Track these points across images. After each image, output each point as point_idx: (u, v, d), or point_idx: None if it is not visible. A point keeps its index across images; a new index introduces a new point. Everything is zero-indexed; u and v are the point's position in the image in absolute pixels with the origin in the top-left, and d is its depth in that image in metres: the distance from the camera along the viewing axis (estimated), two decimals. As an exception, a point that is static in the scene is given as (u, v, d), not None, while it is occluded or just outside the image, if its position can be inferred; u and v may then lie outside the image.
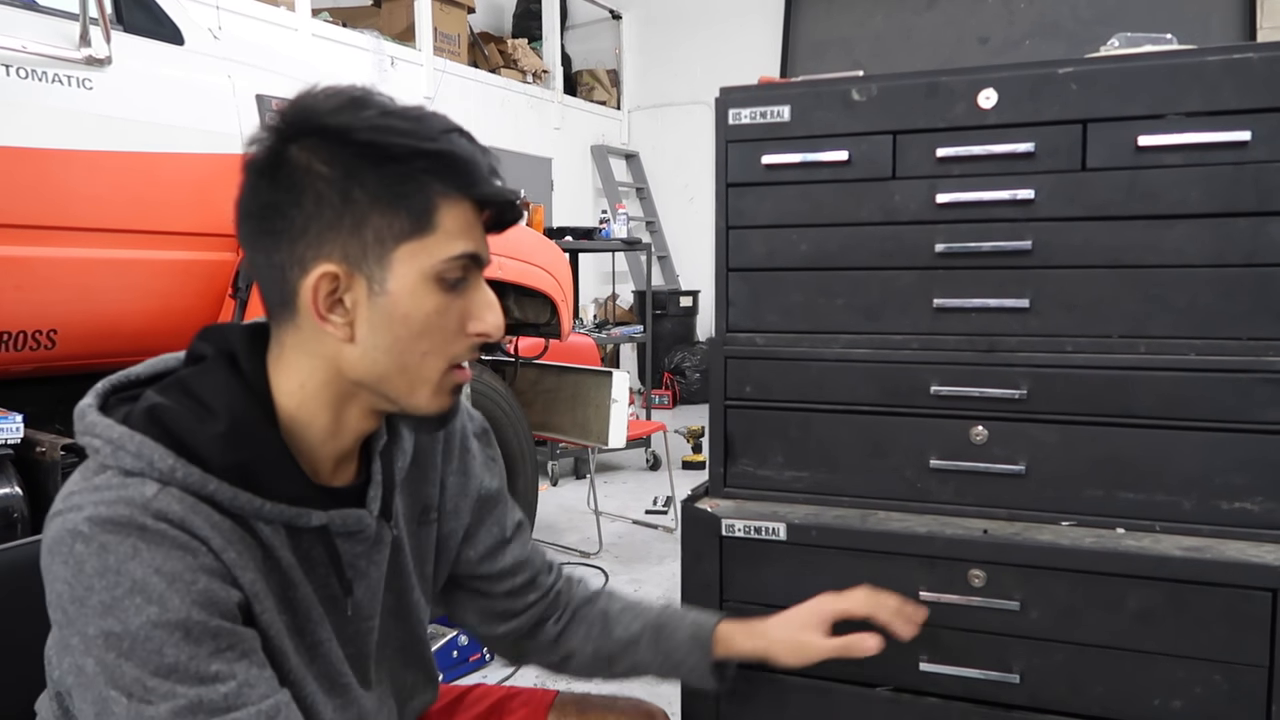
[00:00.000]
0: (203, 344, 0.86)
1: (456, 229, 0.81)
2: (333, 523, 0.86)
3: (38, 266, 2.09)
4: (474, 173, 0.82)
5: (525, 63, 8.15)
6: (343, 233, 0.79)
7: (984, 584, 1.17)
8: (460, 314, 0.84)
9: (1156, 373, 1.17)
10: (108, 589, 0.72)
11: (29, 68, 2.04)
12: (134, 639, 0.71)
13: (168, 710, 0.71)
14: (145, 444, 0.77)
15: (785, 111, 1.30)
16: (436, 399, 0.85)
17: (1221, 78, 1.12)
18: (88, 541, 0.72)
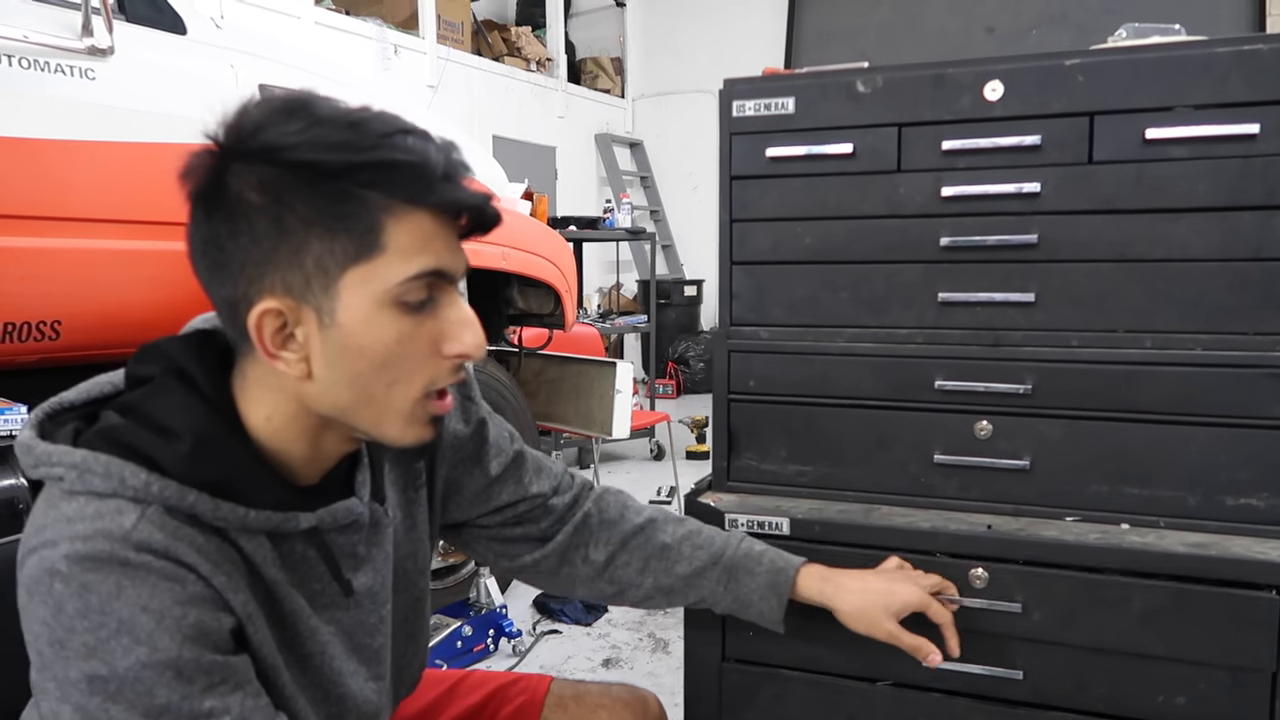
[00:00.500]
0: (143, 365, 0.80)
1: (410, 245, 0.73)
2: (322, 522, 0.82)
3: (41, 257, 2.09)
4: (422, 179, 0.73)
5: (529, 50, 8.12)
6: (281, 264, 0.73)
7: (986, 585, 1.15)
8: (431, 336, 0.76)
9: (1162, 367, 1.16)
10: (91, 630, 0.67)
11: (31, 58, 2.03)
12: (122, 681, 0.68)
13: None
14: (113, 463, 0.72)
15: (790, 103, 1.29)
16: (410, 430, 0.78)
17: (1230, 69, 1.11)
18: (67, 581, 0.68)
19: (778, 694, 1.26)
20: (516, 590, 3.24)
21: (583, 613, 3.07)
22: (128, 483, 0.71)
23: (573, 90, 8.68)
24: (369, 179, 0.71)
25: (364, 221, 0.72)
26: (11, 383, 2.24)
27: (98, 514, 0.70)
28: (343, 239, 0.72)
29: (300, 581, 0.83)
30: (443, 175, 0.74)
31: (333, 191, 0.72)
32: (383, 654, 0.94)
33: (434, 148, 0.74)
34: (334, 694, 0.88)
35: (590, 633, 2.98)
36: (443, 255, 0.75)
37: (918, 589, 1.10)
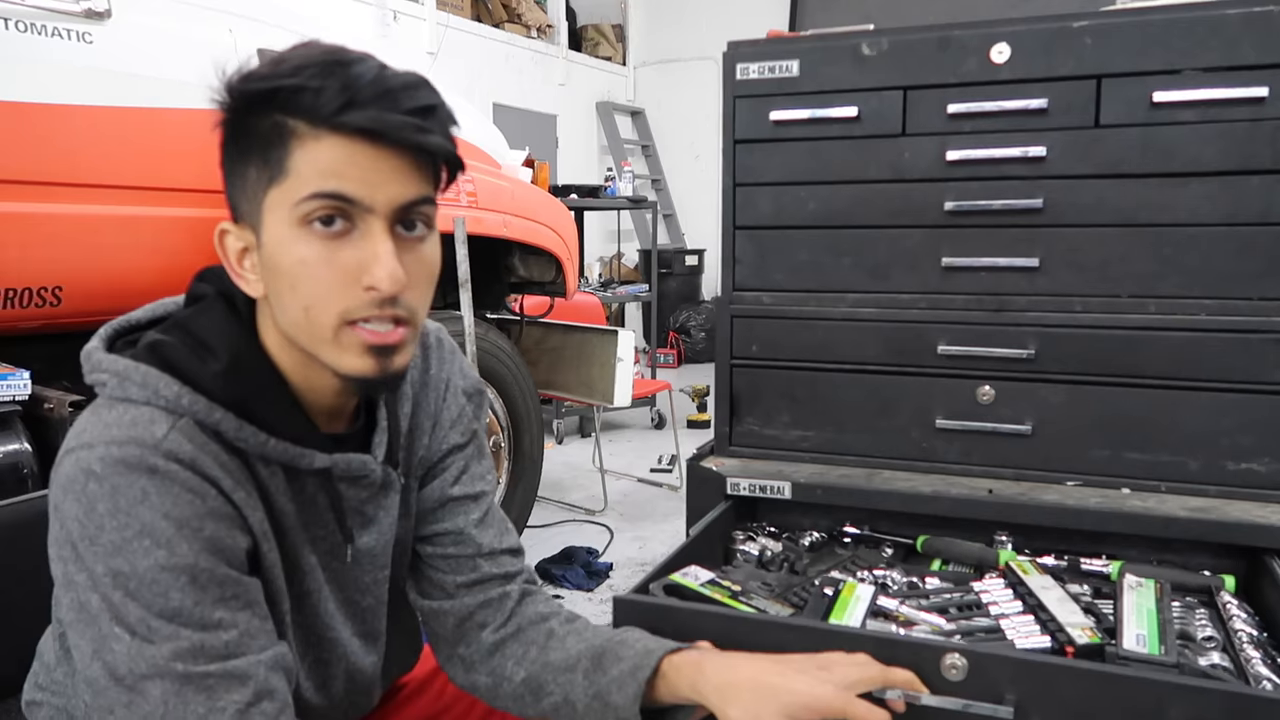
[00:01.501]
0: (201, 284, 0.85)
1: (312, 169, 0.74)
2: (336, 466, 0.84)
3: (41, 223, 2.08)
4: (329, 101, 0.72)
5: (529, 17, 8.04)
6: (234, 190, 0.79)
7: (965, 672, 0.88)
8: (347, 265, 0.75)
9: (1166, 333, 1.16)
10: (118, 529, 0.72)
11: (27, 21, 2.01)
12: (141, 580, 0.72)
13: (170, 650, 0.72)
14: (150, 374, 0.76)
15: (794, 66, 1.28)
16: (345, 358, 0.78)
17: (1240, 32, 1.10)
18: (100, 481, 0.72)
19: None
20: (518, 557, 3.27)
21: (584, 578, 3.09)
22: (161, 393, 0.76)
23: (574, 58, 8.59)
24: (280, 104, 0.74)
25: (279, 146, 0.75)
26: (13, 349, 2.25)
27: (133, 421, 0.75)
28: (264, 163, 0.76)
29: (305, 522, 0.86)
30: (356, 101, 0.73)
31: (258, 121, 0.75)
32: (374, 616, 0.95)
33: (352, 75, 0.73)
34: (324, 639, 0.89)
35: (592, 598, 3.00)
36: (352, 182, 0.74)
37: (831, 688, 0.82)
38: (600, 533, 3.61)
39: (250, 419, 0.79)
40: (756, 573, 1.16)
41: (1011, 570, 1.08)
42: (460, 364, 1.05)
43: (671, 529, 3.63)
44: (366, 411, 0.91)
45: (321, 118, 0.73)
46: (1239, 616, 0.98)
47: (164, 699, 0.72)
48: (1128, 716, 0.80)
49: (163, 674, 0.72)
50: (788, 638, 0.89)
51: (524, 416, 3.24)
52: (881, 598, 1.03)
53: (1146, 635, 0.91)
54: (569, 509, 3.92)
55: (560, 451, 4.94)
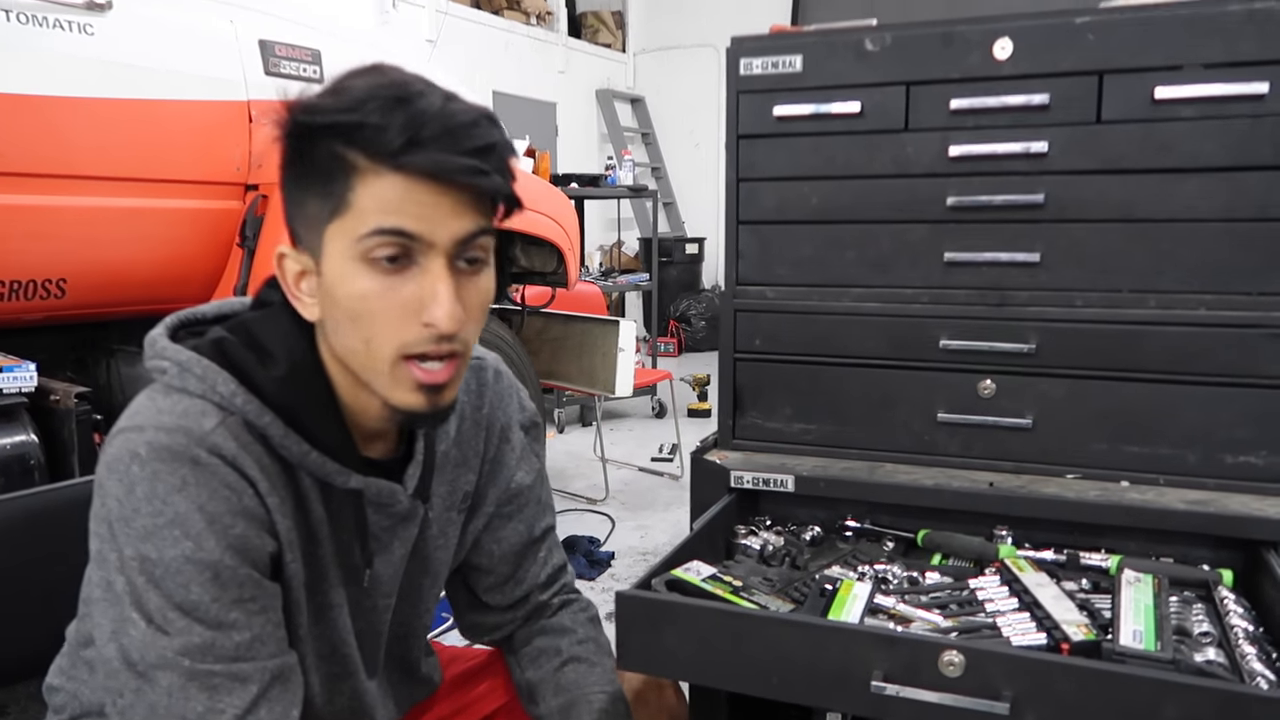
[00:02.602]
0: (270, 290, 0.87)
1: (375, 205, 0.74)
2: (367, 489, 0.85)
3: (46, 215, 2.09)
4: (394, 138, 0.72)
5: (529, 4, 8.01)
6: (294, 217, 0.80)
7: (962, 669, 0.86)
8: (406, 300, 0.76)
9: (1165, 327, 1.17)
10: (151, 515, 0.74)
11: (30, 13, 2.01)
12: (166, 568, 0.74)
13: (180, 644, 0.74)
14: (210, 369, 0.79)
15: (797, 61, 1.28)
16: (396, 392, 0.79)
17: (1242, 28, 1.10)
18: (143, 465, 0.74)
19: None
20: (520, 546, 3.29)
21: (586, 567, 3.11)
22: (217, 389, 0.78)
23: (573, 45, 8.57)
24: (344, 140, 0.74)
25: (340, 181, 0.75)
26: (18, 340, 2.26)
27: (185, 411, 0.77)
28: (324, 195, 0.76)
29: (335, 536, 0.87)
30: (420, 140, 0.73)
31: (319, 152, 0.75)
32: (374, 644, 0.96)
33: (413, 113, 0.73)
34: (340, 653, 0.91)
35: (594, 587, 3.02)
36: (412, 219, 0.74)
37: None
38: (602, 522, 3.63)
39: (297, 428, 0.80)
40: (758, 568, 1.17)
41: (1007, 567, 1.09)
42: (519, 398, 1.06)
43: (673, 518, 3.65)
44: (407, 440, 0.92)
45: (384, 156, 0.73)
46: (1235, 611, 1.00)
47: (169, 691, 0.74)
48: (1123, 713, 0.80)
49: (171, 666, 0.74)
50: (788, 634, 0.90)
51: (526, 406, 3.25)
52: (879, 595, 1.04)
53: (1143, 631, 0.93)
54: (571, 498, 3.94)
55: (562, 440, 4.96)
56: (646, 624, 0.94)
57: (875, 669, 0.85)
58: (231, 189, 2.41)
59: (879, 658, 0.85)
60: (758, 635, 0.90)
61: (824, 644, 0.88)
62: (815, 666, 0.88)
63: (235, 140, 2.39)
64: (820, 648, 0.88)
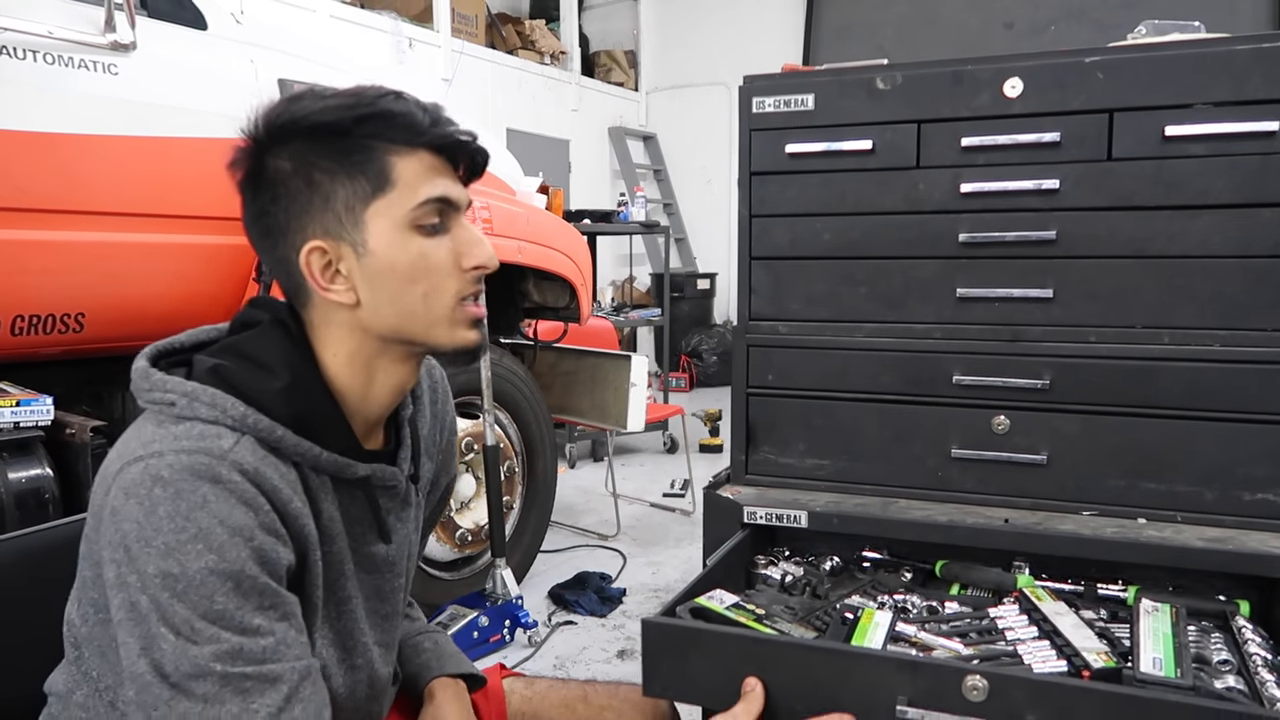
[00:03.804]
0: (256, 311, 0.93)
1: (416, 178, 0.87)
2: (374, 475, 0.93)
3: (66, 250, 2.11)
4: (415, 124, 0.87)
5: (543, 44, 8.13)
6: (316, 212, 0.87)
7: (985, 693, 0.86)
8: (450, 253, 0.89)
9: (1180, 363, 1.17)
10: (174, 532, 0.76)
11: (55, 53, 2.05)
12: (189, 582, 0.76)
13: (210, 652, 0.76)
14: (218, 395, 0.83)
15: (809, 100, 1.30)
16: (454, 333, 0.91)
17: (1251, 67, 1.11)
18: (166, 486, 0.77)
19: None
20: (532, 582, 3.27)
21: (597, 604, 3.09)
22: (229, 413, 0.82)
23: (586, 83, 8.68)
24: (373, 129, 0.86)
25: (376, 163, 0.86)
26: (36, 374, 2.28)
27: (201, 435, 0.81)
28: (361, 180, 0.86)
29: (348, 529, 0.93)
30: (431, 122, 0.88)
31: (346, 145, 0.86)
32: (392, 625, 1.01)
33: (419, 103, 0.88)
34: (358, 644, 0.95)
35: (605, 624, 3.00)
36: (446, 186, 0.89)
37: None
38: (613, 558, 3.61)
39: (305, 433, 0.86)
40: (779, 596, 1.17)
41: (1025, 597, 1.09)
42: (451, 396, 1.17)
43: (684, 554, 3.63)
44: (395, 432, 1.00)
45: (416, 135, 0.87)
46: (1254, 640, 0.99)
47: (204, 697, 0.76)
48: None
49: (204, 674, 0.76)
50: (813, 659, 0.91)
51: (538, 441, 3.26)
52: (900, 624, 1.03)
53: (1163, 659, 0.92)
54: (582, 534, 3.92)
55: (573, 475, 4.94)
56: (672, 651, 0.96)
57: (900, 693, 0.86)
58: (249, 225, 2.43)
59: (903, 682, 0.87)
60: (783, 661, 0.91)
61: (849, 669, 0.89)
62: (840, 691, 0.89)
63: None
64: (845, 673, 0.89)
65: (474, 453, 2.93)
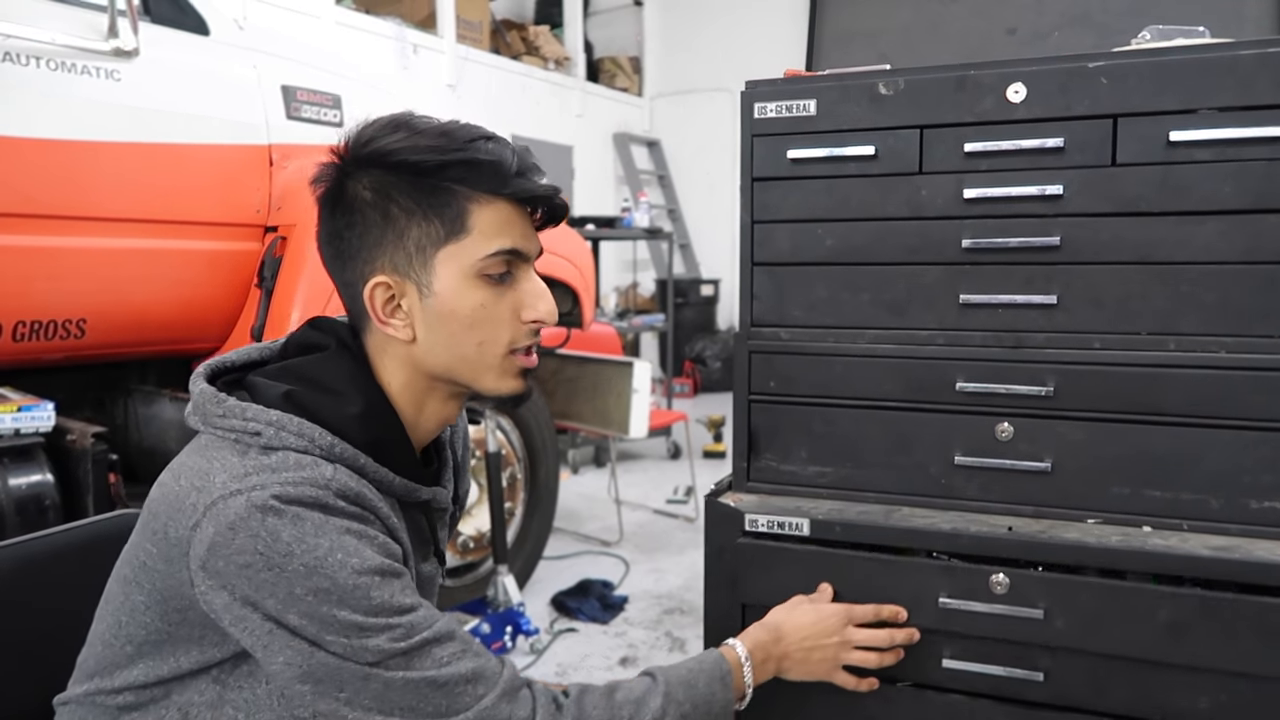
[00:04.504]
0: (316, 333, 0.95)
1: (491, 229, 0.88)
2: (435, 498, 0.97)
3: (68, 256, 2.12)
4: (500, 174, 0.88)
5: (547, 49, 8.14)
6: (388, 247, 0.89)
7: (1007, 590, 1.15)
8: (511, 304, 0.91)
9: (1186, 370, 1.15)
10: (308, 552, 0.79)
11: (58, 59, 2.05)
12: (344, 590, 0.80)
13: (387, 639, 0.81)
14: (304, 425, 0.85)
15: (811, 105, 1.29)
16: (503, 381, 0.93)
17: (1256, 72, 1.10)
18: (280, 515, 0.80)
19: (798, 695, 1.27)
20: (534, 588, 3.26)
21: (600, 611, 3.08)
22: (316, 442, 0.85)
23: (590, 89, 8.69)
24: (457, 174, 0.87)
25: (453, 209, 0.88)
26: (37, 380, 2.28)
27: (299, 464, 0.83)
28: (436, 223, 0.88)
29: (415, 546, 0.97)
30: (517, 172, 0.89)
31: (427, 185, 0.87)
32: None
33: (510, 150, 0.90)
34: None
35: (607, 631, 2.99)
36: (520, 238, 0.90)
37: None
38: (616, 564, 3.60)
39: (378, 458, 0.89)
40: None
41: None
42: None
43: (688, 561, 3.62)
44: (436, 454, 1.04)
45: (499, 185, 0.88)
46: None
47: (398, 669, 0.81)
48: (1129, 618, 1.09)
49: (390, 655, 0.81)
50: (871, 567, 1.20)
51: (540, 447, 3.25)
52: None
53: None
54: (584, 540, 3.92)
55: (575, 482, 4.94)
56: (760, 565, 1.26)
57: (941, 591, 1.16)
58: (251, 231, 2.44)
59: (943, 583, 1.16)
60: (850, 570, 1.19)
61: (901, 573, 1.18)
62: (896, 591, 1.19)
63: (256, 183, 2.42)
64: (899, 576, 1.18)
65: (476, 459, 2.93)
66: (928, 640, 1.20)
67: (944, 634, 1.19)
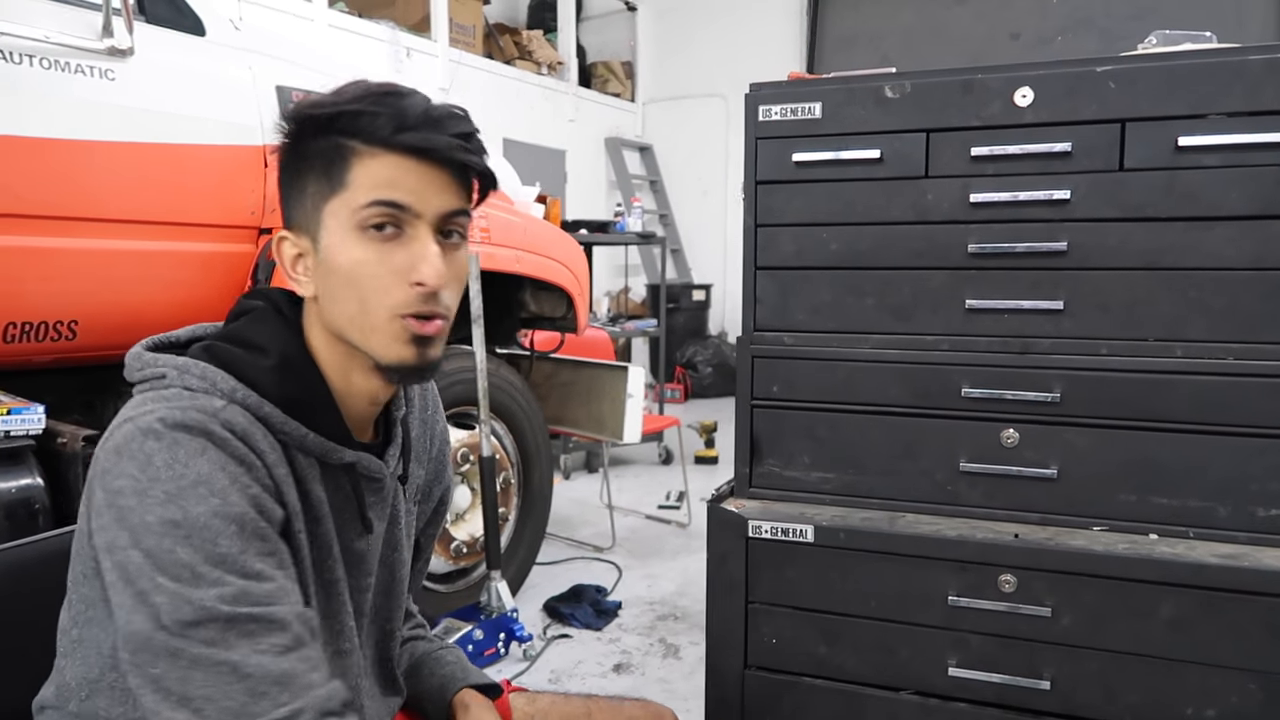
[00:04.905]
0: (250, 300, 0.94)
1: (370, 181, 0.85)
2: (360, 463, 0.92)
3: (60, 257, 2.09)
4: (387, 126, 0.84)
5: (540, 54, 8.13)
6: (294, 202, 0.89)
7: (1014, 589, 1.16)
8: (400, 264, 0.85)
9: (1193, 376, 1.15)
10: (174, 479, 0.76)
11: (52, 58, 2.03)
12: (193, 526, 0.75)
13: (215, 595, 0.75)
14: (209, 369, 0.84)
15: (816, 108, 1.28)
16: (391, 347, 0.87)
17: (1264, 77, 1.10)
18: (159, 438, 0.77)
19: (800, 702, 1.26)
20: (527, 594, 3.24)
21: (593, 617, 3.05)
22: (218, 385, 0.84)
23: (583, 94, 8.67)
24: (346, 126, 0.85)
25: (340, 162, 0.85)
26: (27, 382, 2.25)
27: (193, 397, 0.82)
28: (325, 177, 0.86)
29: (335, 511, 0.92)
30: (408, 125, 0.84)
31: (322, 141, 0.86)
32: (361, 624, 0.98)
33: (413, 105, 0.86)
34: (346, 628, 0.93)
35: (601, 637, 2.97)
36: (404, 192, 0.85)
37: None
38: (609, 570, 3.58)
39: (294, 413, 0.86)
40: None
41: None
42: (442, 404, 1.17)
43: (680, 566, 3.60)
44: (386, 430, 1.00)
45: (379, 138, 0.84)
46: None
47: (208, 641, 0.74)
48: (1131, 612, 1.11)
49: (210, 617, 0.74)
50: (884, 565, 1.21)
51: (534, 452, 3.23)
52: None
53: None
54: (577, 545, 3.89)
55: (567, 487, 4.91)
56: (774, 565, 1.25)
57: (950, 589, 1.17)
58: (245, 232, 2.42)
59: (952, 581, 1.18)
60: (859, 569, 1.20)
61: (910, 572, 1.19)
62: (907, 590, 1.20)
63: (250, 184, 2.40)
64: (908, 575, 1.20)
65: (469, 464, 2.91)
66: (933, 647, 1.19)
67: (951, 638, 1.18)
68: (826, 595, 1.24)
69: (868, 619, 1.22)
